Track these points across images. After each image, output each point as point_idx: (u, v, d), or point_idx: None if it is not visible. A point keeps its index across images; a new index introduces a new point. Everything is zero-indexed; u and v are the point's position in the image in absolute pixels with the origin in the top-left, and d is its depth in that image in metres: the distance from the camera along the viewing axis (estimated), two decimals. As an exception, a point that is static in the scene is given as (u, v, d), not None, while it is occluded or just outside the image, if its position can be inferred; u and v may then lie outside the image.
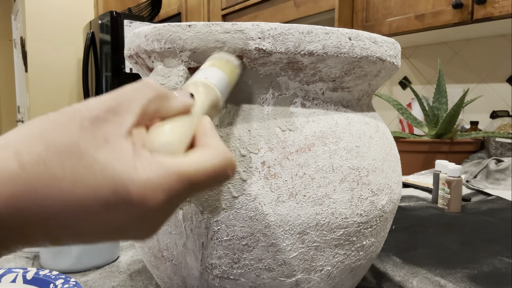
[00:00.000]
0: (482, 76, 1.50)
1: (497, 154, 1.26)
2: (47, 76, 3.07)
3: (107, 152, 0.17)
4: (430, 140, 1.25)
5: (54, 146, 0.17)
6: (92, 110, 0.18)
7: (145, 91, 0.20)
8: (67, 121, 0.17)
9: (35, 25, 2.98)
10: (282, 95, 0.34)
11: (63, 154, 0.17)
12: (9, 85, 4.07)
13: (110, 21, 2.40)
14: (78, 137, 0.17)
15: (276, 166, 0.32)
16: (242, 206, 0.32)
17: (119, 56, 2.43)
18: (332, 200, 0.33)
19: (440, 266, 0.54)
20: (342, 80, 0.35)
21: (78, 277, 0.50)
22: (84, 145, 0.17)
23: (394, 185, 0.38)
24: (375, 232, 0.37)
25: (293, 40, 0.32)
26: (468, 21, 1.18)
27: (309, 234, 0.33)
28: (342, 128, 0.35)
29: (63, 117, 0.18)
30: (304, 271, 0.34)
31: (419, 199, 0.94)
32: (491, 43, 1.47)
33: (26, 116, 3.29)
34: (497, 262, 0.56)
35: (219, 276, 0.34)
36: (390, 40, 0.37)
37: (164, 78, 0.33)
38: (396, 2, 1.37)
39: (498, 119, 1.36)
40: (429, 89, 1.65)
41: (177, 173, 0.18)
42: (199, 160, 0.20)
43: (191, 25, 0.32)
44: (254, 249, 0.33)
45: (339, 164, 0.33)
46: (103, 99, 0.19)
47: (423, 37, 1.46)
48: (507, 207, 0.87)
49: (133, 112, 0.19)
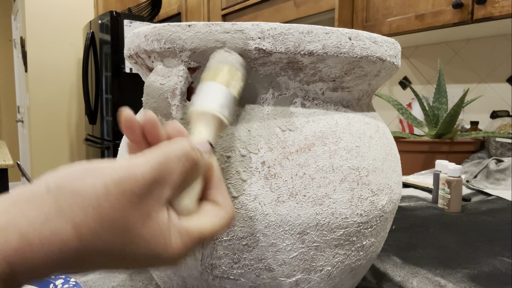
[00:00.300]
0: (482, 76, 1.50)
1: (497, 154, 1.26)
2: (47, 76, 3.07)
3: (149, 227, 0.20)
4: (430, 140, 1.25)
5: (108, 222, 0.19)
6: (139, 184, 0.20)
7: (185, 163, 0.22)
8: (119, 197, 0.19)
9: (35, 25, 2.98)
10: (282, 95, 0.34)
11: (114, 229, 0.19)
12: (9, 85, 4.07)
13: (110, 21, 2.40)
14: (128, 214, 0.19)
15: (276, 166, 0.32)
16: (242, 206, 0.32)
17: (119, 56, 2.43)
18: (332, 200, 0.33)
19: (440, 266, 0.54)
20: (342, 80, 0.35)
21: (78, 277, 0.50)
22: (132, 221, 0.19)
23: (394, 185, 0.38)
24: (375, 232, 0.37)
25: (293, 40, 0.32)
26: (468, 21, 1.18)
27: (309, 234, 0.33)
28: (342, 128, 0.35)
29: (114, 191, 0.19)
30: (304, 271, 0.34)
31: (419, 199, 0.94)
32: (491, 43, 1.47)
33: (26, 116, 3.29)
34: (497, 262, 0.56)
35: (219, 276, 0.34)
36: (390, 40, 0.37)
37: (164, 78, 0.33)
38: (396, 2, 1.37)
39: (498, 119, 1.36)
40: (429, 89, 1.65)
41: (198, 237, 0.22)
42: (214, 223, 0.23)
43: (191, 25, 0.32)
44: (254, 249, 0.33)
45: (339, 164, 0.33)
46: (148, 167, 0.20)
47: (423, 37, 1.46)
48: (507, 207, 0.87)
49: (172, 184, 0.21)
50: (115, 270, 0.21)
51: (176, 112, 0.32)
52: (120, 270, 0.21)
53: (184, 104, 0.33)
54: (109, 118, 2.50)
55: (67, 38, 3.11)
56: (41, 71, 3.04)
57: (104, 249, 0.19)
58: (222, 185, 0.25)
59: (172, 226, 0.21)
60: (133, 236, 0.19)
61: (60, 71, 3.13)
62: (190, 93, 0.34)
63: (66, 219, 0.18)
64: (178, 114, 0.32)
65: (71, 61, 3.16)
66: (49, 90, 3.09)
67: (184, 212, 0.23)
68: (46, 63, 3.05)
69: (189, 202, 0.23)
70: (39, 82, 3.04)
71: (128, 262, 0.20)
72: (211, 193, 0.25)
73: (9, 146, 3.79)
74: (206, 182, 0.25)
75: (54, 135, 3.14)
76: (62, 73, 3.14)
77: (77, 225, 0.18)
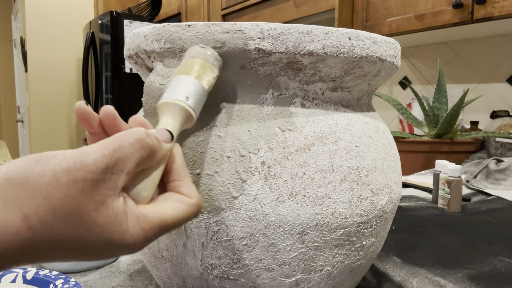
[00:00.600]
0: (482, 76, 1.50)
1: (497, 154, 1.26)
2: (47, 76, 3.07)
3: (104, 214, 0.19)
4: (430, 140, 1.25)
5: (60, 211, 0.18)
6: (91, 171, 0.19)
7: (140, 149, 0.21)
8: (70, 184, 0.19)
9: (35, 25, 2.98)
10: (282, 95, 0.34)
11: (67, 218, 0.19)
12: (9, 85, 4.07)
13: (110, 21, 2.40)
14: (80, 202, 0.19)
15: (276, 166, 0.32)
16: (242, 206, 0.32)
17: (119, 56, 2.43)
18: (332, 200, 0.33)
19: (440, 266, 0.54)
20: (342, 80, 0.35)
21: (78, 277, 0.50)
22: (85, 209, 0.19)
23: (394, 185, 0.38)
24: (375, 232, 0.37)
25: (292, 40, 0.32)
26: (468, 21, 1.18)
27: (309, 234, 0.33)
28: (342, 128, 0.35)
29: (64, 178, 0.19)
30: (304, 271, 0.34)
31: (419, 199, 0.94)
32: (491, 43, 1.46)
33: (26, 116, 3.29)
34: (497, 262, 0.56)
35: (219, 276, 0.34)
36: (390, 40, 0.37)
37: (163, 78, 0.33)
38: (396, 2, 1.37)
39: (498, 119, 1.36)
40: (429, 89, 1.65)
41: (159, 224, 0.22)
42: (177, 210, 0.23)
43: (190, 25, 0.32)
44: (254, 249, 0.33)
45: (339, 164, 0.33)
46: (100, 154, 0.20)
47: (423, 37, 1.46)
48: (507, 207, 0.87)
49: (127, 171, 0.21)
50: (74, 259, 0.20)
51: (176, 112, 0.32)
52: (79, 259, 0.20)
53: (184, 104, 0.33)
54: (109, 118, 2.49)
55: (67, 38, 3.11)
56: (41, 71, 3.04)
57: (57, 239, 0.19)
58: (186, 175, 0.25)
59: (129, 213, 0.20)
60: (87, 224, 0.19)
61: (60, 71, 3.13)
62: (190, 93, 0.34)
63: (14, 210, 0.18)
64: (178, 114, 0.32)
65: (71, 61, 3.16)
66: (49, 90, 3.09)
67: (142, 200, 0.22)
68: (46, 63, 3.05)
69: (146, 190, 0.23)
70: (39, 82, 3.04)
71: (86, 251, 0.20)
72: (175, 185, 0.24)
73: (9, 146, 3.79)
74: (168, 173, 0.24)
75: (54, 135, 3.15)
76: (62, 73, 3.14)
77: (26, 216, 0.18)
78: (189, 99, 0.27)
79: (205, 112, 0.32)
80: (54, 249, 0.19)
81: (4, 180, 0.18)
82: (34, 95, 3.04)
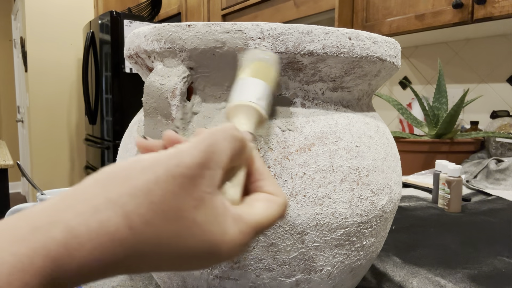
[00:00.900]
0: (482, 76, 1.50)
1: (497, 154, 1.26)
2: (47, 76, 3.07)
3: (203, 212, 0.19)
4: (430, 140, 1.25)
5: (160, 209, 0.18)
6: (190, 167, 0.19)
7: (232, 142, 0.21)
8: (169, 181, 0.18)
9: (35, 25, 2.98)
10: (282, 95, 0.34)
11: (167, 216, 0.18)
12: (9, 85, 4.07)
13: (110, 21, 2.40)
14: (180, 199, 0.18)
15: (276, 166, 0.32)
16: (242, 206, 0.32)
17: (119, 56, 2.43)
18: (332, 200, 0.33)
19: (440, 266, 0.54)
20: (342, 80, 0.35)
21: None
22: (185, 206, 0.18)
23: (394, 185, 0.38)
24: (375, 232, 0.37)
25: (293, 40, 0.32)
26: (468, 21, 1.18)
27: (309, 234, 0.33)
28: (342, 128, 0.35)
29: (164, 175, 0.18)
30: (304, 271, 0.34)
31: (419, 199, 0.94)
32: (491, 43, 1.46)
33: (26, 116, 3.29)
34: (497, 262, 0.56)
35: (219, 276, 0.34)
36: (390, 40, 0.37)
37: (164, 78, 0.33)
38: (396, 2, 1.37)
39: (498, 119, 1.36)
40: (429, 89, 1.65)
41: (255, 227, 0.21)
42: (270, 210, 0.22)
43: (190, 25, 0.32)
44: (254, 249, 0.33)
45: (339, 164, 0.33)
46: (196, 150, 0.19)
47: (423, 37, 1.46)
48: (507, 207, 0.87)
49: (222, 166, 0.20)
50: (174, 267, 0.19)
51: (176, 112, 0.32)
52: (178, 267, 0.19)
53: (184, 104, 0.33)
54: (109, 118, 2.50)
55: (67, 38, 3.11)
56: (41, 71, 3.04)
57: (159, 241, 0.18)
58: (269, 175, 0.24)
59: (227, 212, 0.19)
60: (187, 222, 0.18)
61: (60, 71, 3.13)
62: (190, 93, 0.34)
63: (115, 208, 0.17)
64: (178, 114, 0.32)
65: (71, 61, 3.16)
66: (49, 90, 3.09)
67: (234, 201, 0.21)
68: (46, 63, 3.06)
69: (234, 191, 0.22)
70: (39, 82, 3.04)
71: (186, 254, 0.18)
72: (260, 184, 0.23)
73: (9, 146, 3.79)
74: (252, 174, 0.24)
75: (54, 135, 3.15)
76: (62, 73, 3.14)
77: (127, 214, 0.17)
78: (260, 100, 0.27)
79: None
80: (155, 253, 0.18)
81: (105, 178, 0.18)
82: (34, 95, 3.04)
